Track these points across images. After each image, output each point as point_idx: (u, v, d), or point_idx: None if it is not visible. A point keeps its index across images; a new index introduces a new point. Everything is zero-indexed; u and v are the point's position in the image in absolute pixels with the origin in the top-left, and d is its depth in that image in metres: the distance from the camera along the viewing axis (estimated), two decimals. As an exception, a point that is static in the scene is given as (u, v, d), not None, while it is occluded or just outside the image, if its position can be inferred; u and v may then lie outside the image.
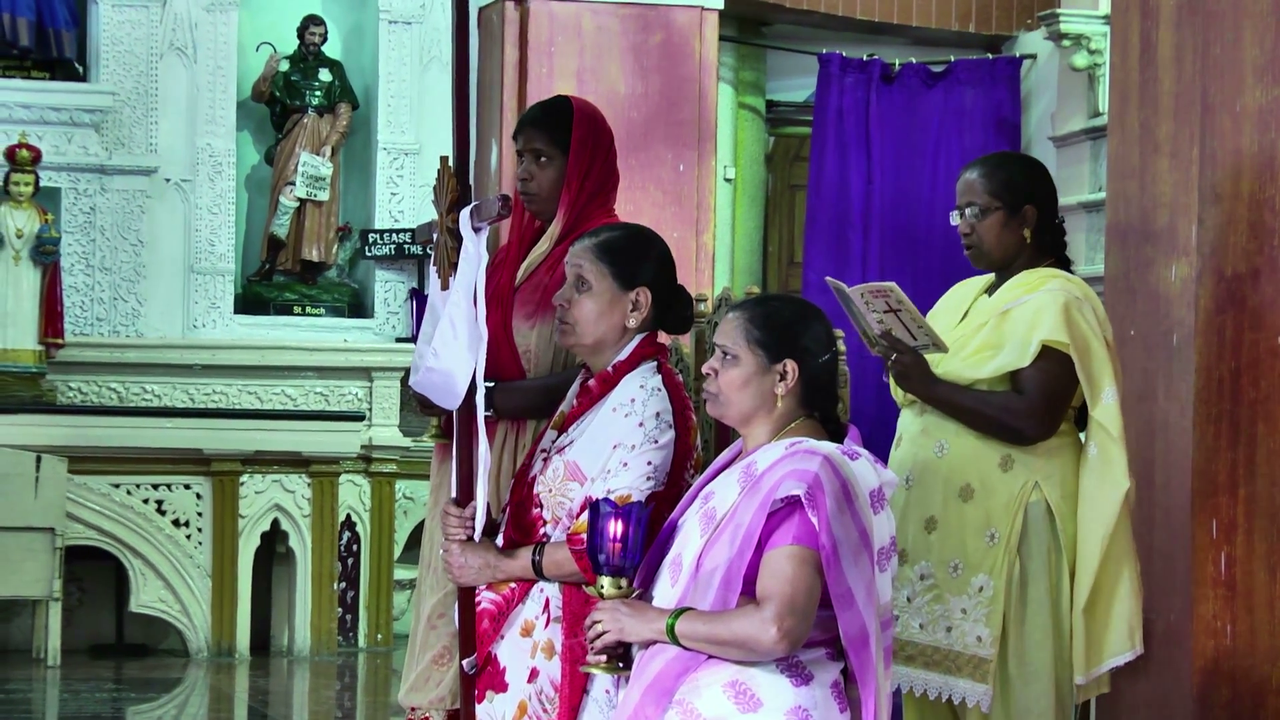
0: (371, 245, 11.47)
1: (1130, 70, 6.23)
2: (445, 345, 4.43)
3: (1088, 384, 5.20)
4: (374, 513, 11.14)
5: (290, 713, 9.80)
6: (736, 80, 12.44)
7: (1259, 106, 5.43)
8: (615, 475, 4.40)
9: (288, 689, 10.34)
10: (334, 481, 10.99)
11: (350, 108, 11.73)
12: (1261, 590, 5.39)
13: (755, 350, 4.26)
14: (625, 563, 4.15)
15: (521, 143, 5.27)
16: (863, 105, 12.26)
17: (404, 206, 11.53)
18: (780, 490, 4.08)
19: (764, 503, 4.08)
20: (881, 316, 5.27)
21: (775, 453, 4.20)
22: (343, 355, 11.34)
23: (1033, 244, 5.42)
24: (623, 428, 4.42)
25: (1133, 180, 6.18)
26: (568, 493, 4.46)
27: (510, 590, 4.48)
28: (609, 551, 4.13)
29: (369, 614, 11.10)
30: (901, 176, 12.16)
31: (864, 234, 12.19)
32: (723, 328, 4.31)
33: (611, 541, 4.12)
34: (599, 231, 4.59)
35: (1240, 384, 5.48)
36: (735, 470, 4.24)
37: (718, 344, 4.31)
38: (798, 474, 4.09)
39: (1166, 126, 5.95)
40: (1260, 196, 5.39)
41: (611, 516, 4.12)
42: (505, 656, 4.47)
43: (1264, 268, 5.38)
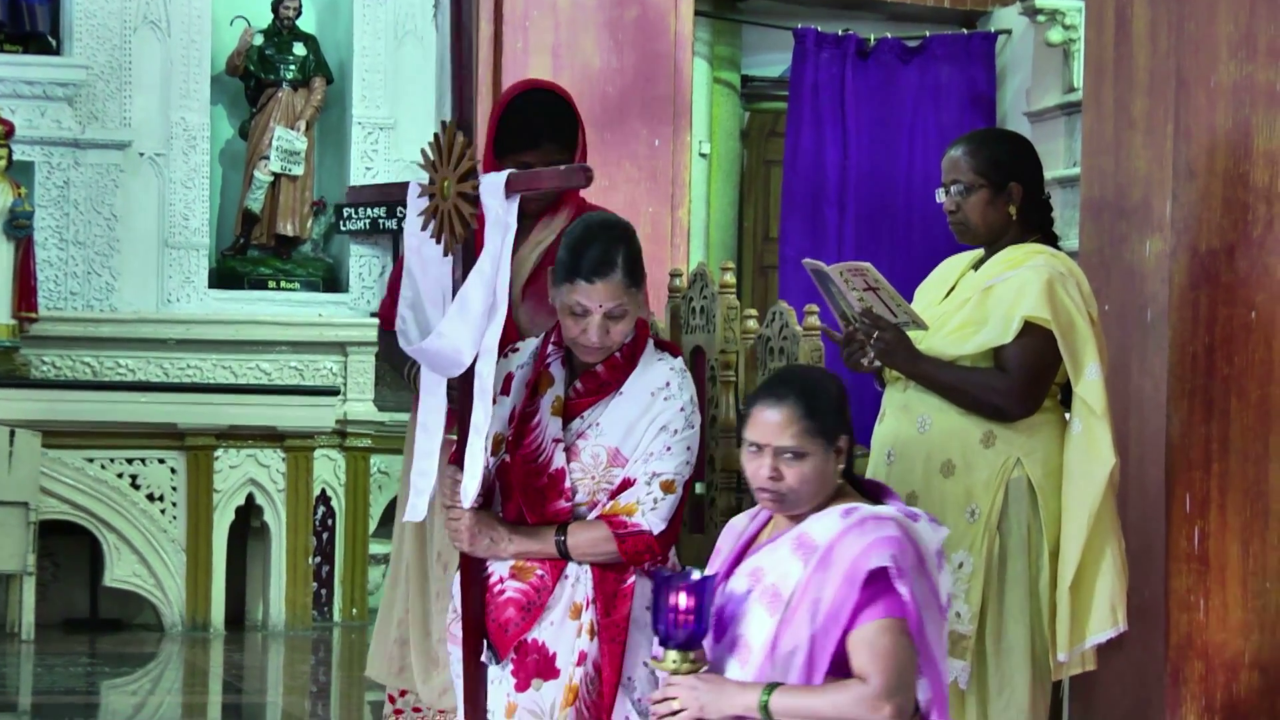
0: (346, 220, 11.46)
1: (1105, 46, 6.24)
2: (456, 317, 4.31)
3: (1070, 360, 5.20)
4: (349, 487, 11.14)
5: (265, 687, 9.80)
6: (712, 55, 12.42)
7: (1233, 82, 5.43)
8: (660, 459, 4.41)
9: (262, 664, 10.33)
10: (309, 456, 10.99)
11: (325, 82, 11.71)
12: (1235, 565, 5.40)
13: (818, 441, 4.18)
14: (694, 636, 4.03)
15: (537, 157, 5.14)
16: (838, 81, 12.26)
17: (378, 180, 11.51)
18: (869, 563, 4.03)
19: (850, 577, 4.02)
20: (862, 294, 5.27)
21: (832, 523, 4.15)
22: (317, 330, 11.33)
23: (1018, 220, 5.42)
24: (667, 411, 4.43)
25: (1107, 156, 6.19)
26: (611, 478, 4.43)
27: (538, 579, 4.40)
28: (677, 624, 4.01)
29: (344, 588, 11.10)
30: (877, 152, 12.16)
31: (839, 210, 12.19)
32: (771, 427, 4.19)
33: (681, 614, 4.00)
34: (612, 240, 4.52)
35: (1214, 359, 5.49)
36: (784, 544, 4.17)
37: (777, 446, 4.19)
38: (880, 544, 4.06)
39: (1141, 102, 5.96)
40: (1234, 172, 5.40)
41: (681, 590, 4.00)
42: (553, 641, 4.41)
43: (1238, 243, 5.39)
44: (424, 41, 11.59)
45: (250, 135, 11.65)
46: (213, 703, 9.25)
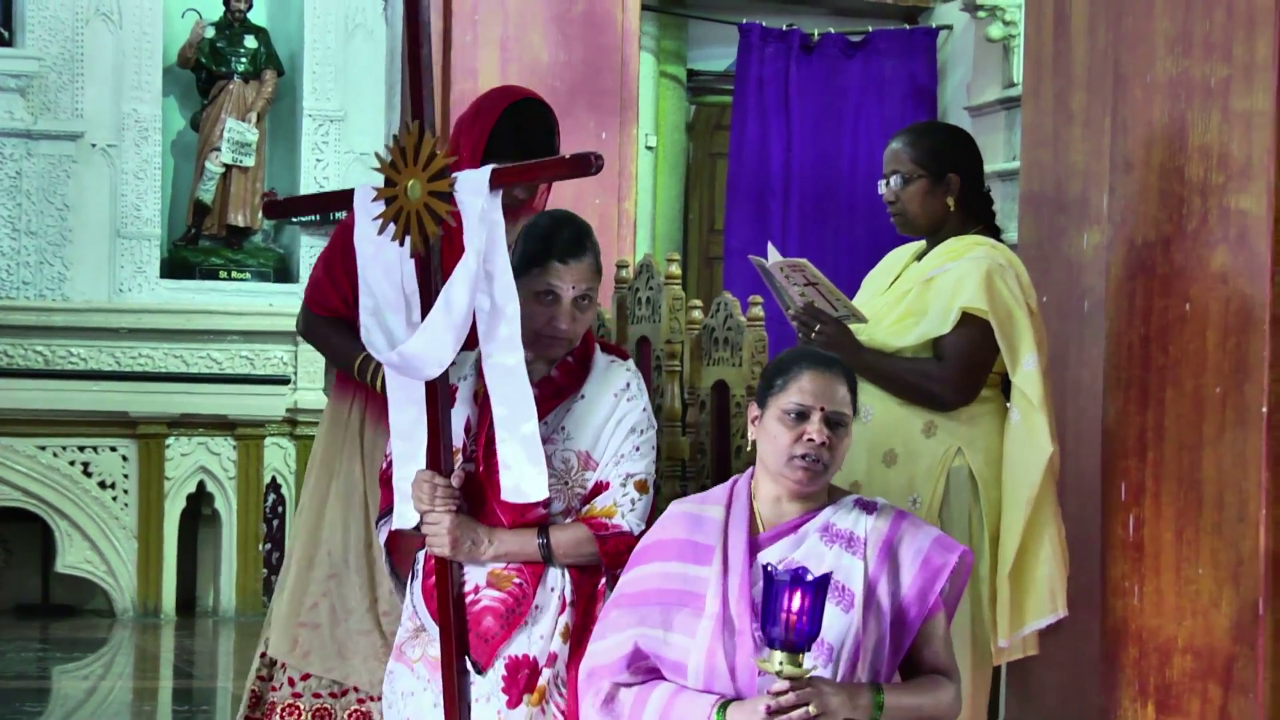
0: (297, 210, 11.43)
1: (1044, 41, 6.25)
2: (439, 317, 4.14)
3: (1008, 351, 5.21)
4: (299, 475, 11.11)
5: (215, 672, 9.78)
6: (658, 49, 12.43)
7: (1170, 78, 5.45)
8: (631, 460, 4.34)
9: (213, 649, 10.31)
10: (259, 444, 10.97)
11: (275, 74, 11.68)
12: (1168, 551, 5.43)
13: (852, 418, 4.17)
14: (806, 637, 3.87)
15: None
16: (782, 75, 12.28)
17: (329, 172, 11.49)
18: (943, 559, 4.08)
19: (927, 572, 4.05)
20: (803, 289, 5.28)
21: (856, 513, 4.14)
22: (268, 319, 11.29)
23: (958, 211, 5.43)
24: (632, 412, 4.37)
25: (1046, 149, 6.20)
26: (584, 481, 4.36)
27: (516, 587, 4.30)
28: (790, 625, 3.85)
29: (294, 575, 11.08)
30: (821, 145, 12.18)
31: (784, 201, 12.21)
32: (825, 391, 4.12)
33: (794, 615, 3.83)
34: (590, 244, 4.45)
35: (1150, 350, 5.51)
36: (810, 537, 4.10)
37: (831, 411, 4.13)
38: (941, 539, 4.13)
39: (1079, 97, 5.97)
40: (1170, 166, 5.42)
41: (793, 588, 3.84)
42: (541, 654, 4.31)
43: (1174, 236, 5.41)
44: (374, 35, 11.57)
45: (202, 127, 11.60)
46: (164, 687, 9.23)
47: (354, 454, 5.21)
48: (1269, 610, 5.01)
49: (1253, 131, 5.08)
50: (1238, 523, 5.10)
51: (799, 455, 4.08)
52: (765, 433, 4.16)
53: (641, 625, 4.08)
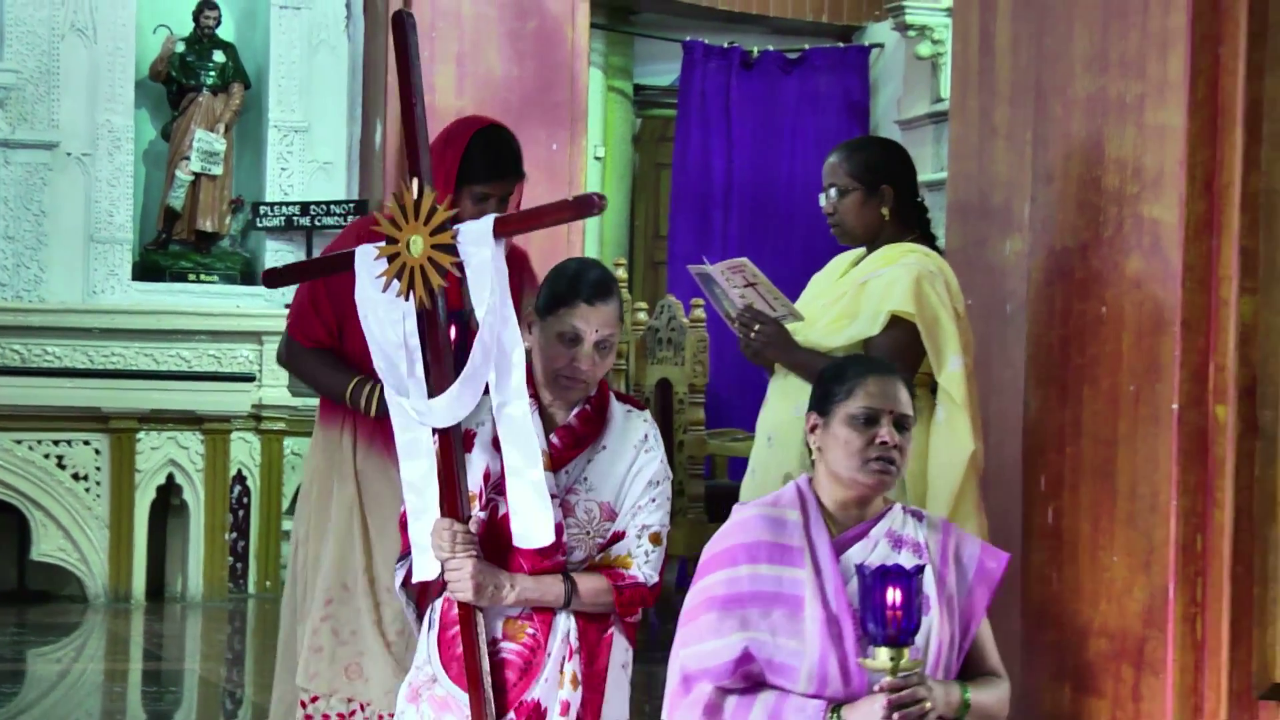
0: (262, 217, 11.40)
1: (970, 59, 6.27)
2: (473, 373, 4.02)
3: (933, 353, 5.24)
4: (264, 468, 11.09)
5: (183, 655, 9.75)
6: (606, 65, 12.44)
7: (1087, 94, 5.48)
8: (647, 512, 4.21)
9: (181, 632, 10.28)
10: (226, 438, 10.94)
11: (243, 87, 11.64)
12: (1085, 540, 5.45)
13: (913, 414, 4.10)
14: (906, 632, 3.75)
15: (499, 188, 5.05)
16: (724, 89, 12.31)
17: (294, 180, 11.46)
18: (996, 565, 4.06)
19: (983, 577, 4.02)
20: (743, 291, 5.29)
21: (908, 519, 4.06)
22: (235, 320, 11.26)
23: (893, 221, 5.45)
24: (651, 464, 4.24)
25: (971, 161, 6.22)
26: (604, 531, 4.21)
27: (530, 638, 4.16)
28: (889, 621, 3.72)
29: (258, 562, 11.05)
30: (760, 156, 12.21)
31: (725, 210, 12.25)
32: (892, 395, 4.06)
33: (892, 610, 3.71)
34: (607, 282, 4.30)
35: (1068, 350, 5.54)
36: (880, 542, 4.01)
37: (900, 413, 4.06)
38: (989, 550, 4.09)
39: (1003, 111, 6.00)
40: (1088, 177, 5.44)
41: (891, 583, 3.73)
42: (546, 698, 4.16)
43: (1090, 243, 5.43)
44: (336, 51, 11.54)
45: (172, 137, 11.56)
46: (134, 670, 9.20)
47: (348, 477, 5.09)
48: (1178, 595, 5.04)
49: (1165, 145, 5.10)
50: (1150, 513, 5.13)
51: (873, 458, 4.00)
52: (833, 439, 4.05)
53: (747, 628, 3.93)
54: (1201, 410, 5.01)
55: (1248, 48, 4.91)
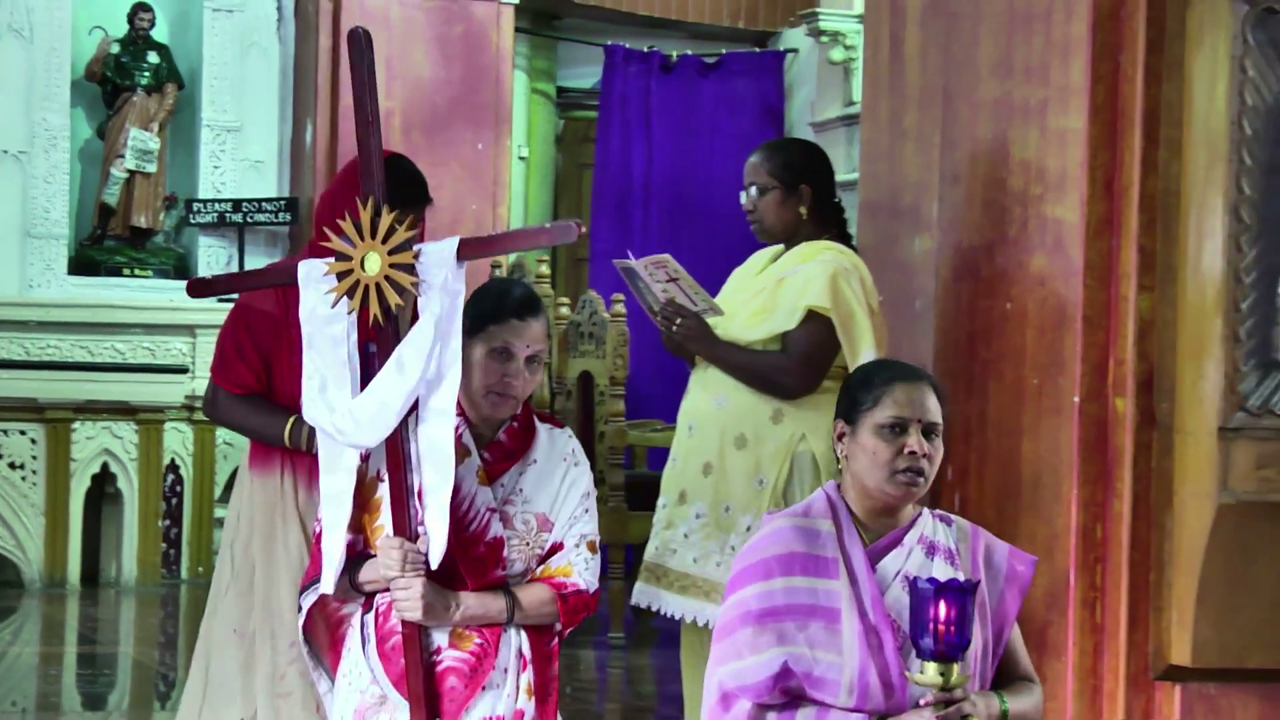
0: (195, 213, 11.32)
1: (881, 65, 6.28)
2: (391, 378, 3.89)
3: (848, 346, 5.25)
4: (196, 457, 11.02)
5: (117, 639, 9.68)
6: (530, 68, 12.41)
7: (993, 99, 5.50)
8: (583, 522, 4.12)
9: (115, 617, 10.21)
10: (159, 428, 10.87)
11: (176, 88, 11.56)
12: (991, 527, 5.44)
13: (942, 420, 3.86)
14: (956, 647, 3.52)
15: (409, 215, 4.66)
16: (644, 92, 12.31)
17: (226, 178, 11.40)
18: (1026, 569, 3.83)
19: (1014, 583, 3.80)
20: (665, 286, 5.29)
21: (936, 524, 3.84)
22: (168, 313, 11.18)
23: (811, 219, 5.46)
24: (582, 477, 4.14)
25: (882, 162, 6.24)
26: (541, 542, 4.08)
27: (478, 646, 4.03)
28: (939, 636, 3.50)
29: (190, 548, 10.98)
30: (678, 156, 12.22)
31: (644, 208, 12.25)
32: (920, 403, 3.81)
33: (942, 624, 3.49)
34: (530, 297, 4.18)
35: (975, 345, 5.56)
36: (915, 549, 3.79)
37: (928, 421, 3.81)
38: (1016, 553, 3.86)
39: (912, 115, 6.01)
40: (993, 178, 5.46)
41: (942, 598, 3.50)
42: (506, 710, 4.04)
43: (996, 242, 5.45)
44: (268, 53, 11.47)
45: (107, 135, 11.47)
46: (69, 653, 9.13)
47: (292, 519, 4.87)
48: (1078, 581, 5.06)
49: (1067, 148, 5.12)
50: (1052, 502, 5.15)
51: (901, 469, 3.76)
52: (860, 449, 3.81)
53: (785, 643, 3.70)
54: (1101, 402, 5.03)
55: (1145, 55, 4.93)
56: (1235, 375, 4.71)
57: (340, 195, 4.65)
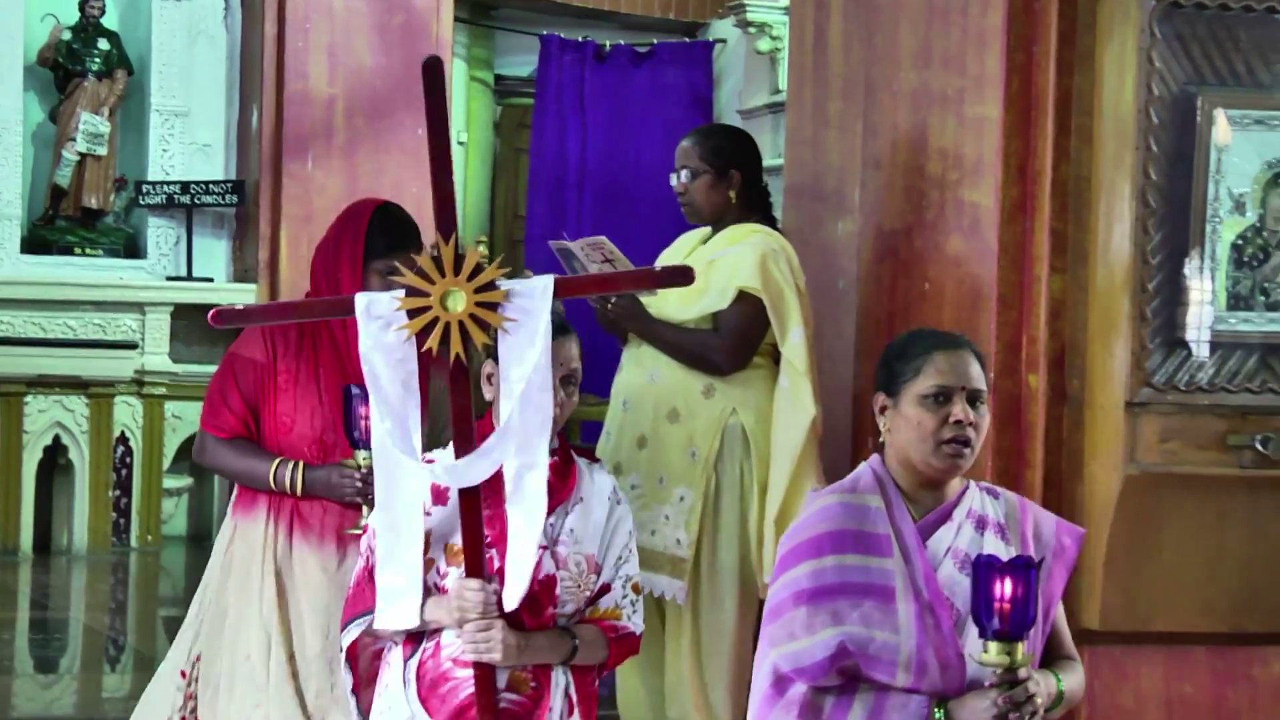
0: (144, 195, 11.25)
1: (805, 54, 6.29)
2: (513, 431, 3.68)
3: (778, 325, 5.27)
4: (145, 429, 10.96)
5: (69, 605, 9.63)
6: (469, 56, 12.38)
7: (913, 88, 5.51)
8: (628, 563, 3.96)
9: (67, 584, 10.15)
10: (110, 402, 10.80)
11: (126, 73, 11.47)
12: (910, 498, 5.50)
13: (987, 387, 3.61)
14: (1021, 625, 3.30)
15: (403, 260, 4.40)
16: (578, 81, 12.29)
17: (174, 161, 11.32)
18: (1073, 543, 3.59)
19: (1061, 557, 3.57)
20: (601, 266, 5.29)
21: (984, 498, 3.60)
22: (118, 291, 11.11)
23: (739, 203, 5.47)
24: (626, 517, 3.98)
25: (807, 149, 6.25)
26: (590, 584, 3.91)
27: (533, 690, 3.83)
28: (1004, 615, 3.28)
29: (140, 518, 10.92)
30: (611, 143, 12.21)
31: (578, 192, 12.24)
32: (964, 370, 3.56)
33: (1004, 603, 3.27)
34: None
35: (895, 324, 5.58)
36: (964, 523, 3.55)
37: (973, 389, 3.56)
38: (1064, 526, 3.62)
39: (836, 103, 6.02)
40: (913, 164, 5.48)
41: (1006, 577, 3.28)
42: None
43: (915, 225, 5.47)
44: (215, 41, 11.40)
45: (59, 119, 11.38)
46: (21, 618, 9.08)
47: (271, 570, 4.61)
48: (994, 548, 5.09)
49: (983, 135, 5.14)
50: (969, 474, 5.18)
51: (946, 439, 3.52)
52: (903, 420, 3.57)
53: (840, 623, 3.47)
54: (1015, 379, 5.06)
55: (1058, 46, 4.96)
56: (1142, 353, 4.75)
57: (336, 244, 4.58)
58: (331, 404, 4.50)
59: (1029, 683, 3.35)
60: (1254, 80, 4.80)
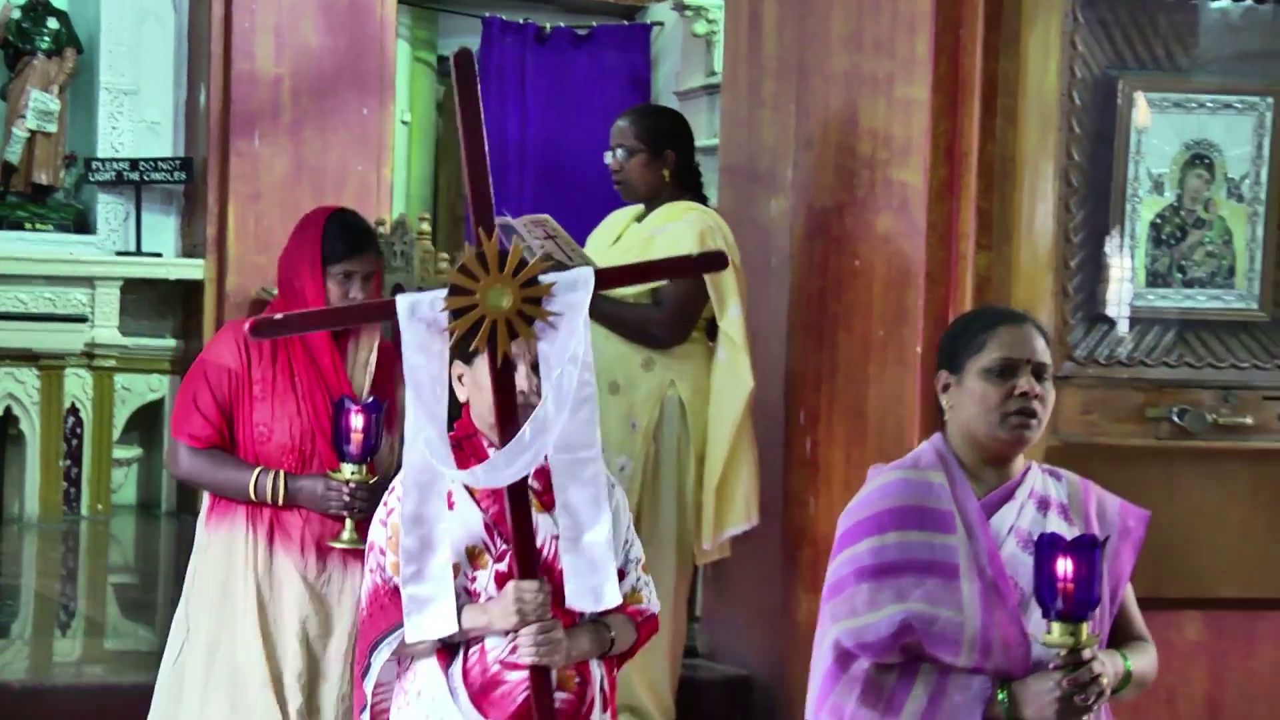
0: (94, 172, 11.16)
1: (740, 37, 6.30)
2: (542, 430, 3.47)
3: (717, 300, 5.28)
4: (95, 401, 10.89)
5: (20, 571, 9.56)
6: (412, 37, 12.33)
7: (844, 70, 5.52)
8: (634, 545, 3.78)
9: (19, 551, 10.08)
10: (60, 374, 10.73)
11: (75, 52, 11.37)
12: (839, 469, 5.52)
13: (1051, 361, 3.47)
14: (1085, 605, 3.18)
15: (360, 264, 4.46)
16: (519, 62, 12.26)
17: (124, 139, 11.23)
18: (1138, 523, 3.44)
19: (1135, 543, 3.42)
20: (543, 242, 5.28)
21: (1046, 480, 3.45)
22: (68, 266, 11.02)
23: (672, 182, 5.48)
24: (623, 500, 3.79)
25: (741, 129, 6.26)
26: None
27: (578, 685, 3.66)
28: (1065, 594, 3.16)
29: (90, 487, 10.85)
30: (551, 123, 12.19)
31: (520, 172, 12.22)
32: (1029, 343, 3.41)
33: (1065, 582, 3.14)
34: None
35: (826, 299, 5.59)
36: (1026, 503, 3.40)
37: (1038, 362, 3.41)
38: (1128, 508, 3.47)
39: (770, 85, 6.03)
40: (844, 144, 5.49)
41: (1069, 556, 3.16)
42: None
43: (846, 203, 5.48)
44: (163, 20, 11.30)
45: (9, 97, 11.28)
46: (-26, 585, 9.03)
47: (252, 582, 4.45)
48: (921, 517, 5.11)
49: (912, 116, 5.16)
50: (895, 446, 5.20)
51: (1013, 411, 3.36)
52: (967, 395, 3.41)
53: (904, 599, 3.32)
54: (942, 353, 5.07)
55: (984, 30, 4.97)
56: (1064, 328, 4.77)
57: (295, 253, 4.49)
58: (310, 413, 4.40)
59: (1094, 663, 3.23)
60: (1173, 65, 4.83)
